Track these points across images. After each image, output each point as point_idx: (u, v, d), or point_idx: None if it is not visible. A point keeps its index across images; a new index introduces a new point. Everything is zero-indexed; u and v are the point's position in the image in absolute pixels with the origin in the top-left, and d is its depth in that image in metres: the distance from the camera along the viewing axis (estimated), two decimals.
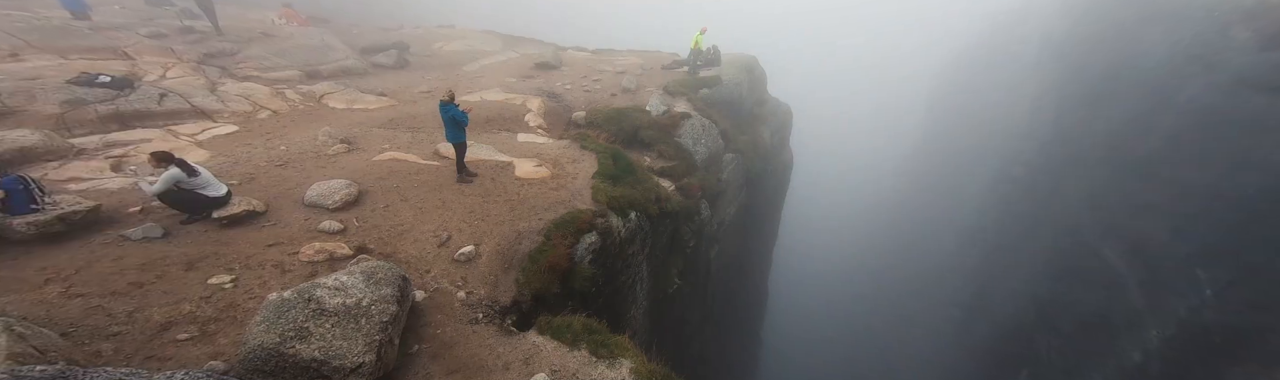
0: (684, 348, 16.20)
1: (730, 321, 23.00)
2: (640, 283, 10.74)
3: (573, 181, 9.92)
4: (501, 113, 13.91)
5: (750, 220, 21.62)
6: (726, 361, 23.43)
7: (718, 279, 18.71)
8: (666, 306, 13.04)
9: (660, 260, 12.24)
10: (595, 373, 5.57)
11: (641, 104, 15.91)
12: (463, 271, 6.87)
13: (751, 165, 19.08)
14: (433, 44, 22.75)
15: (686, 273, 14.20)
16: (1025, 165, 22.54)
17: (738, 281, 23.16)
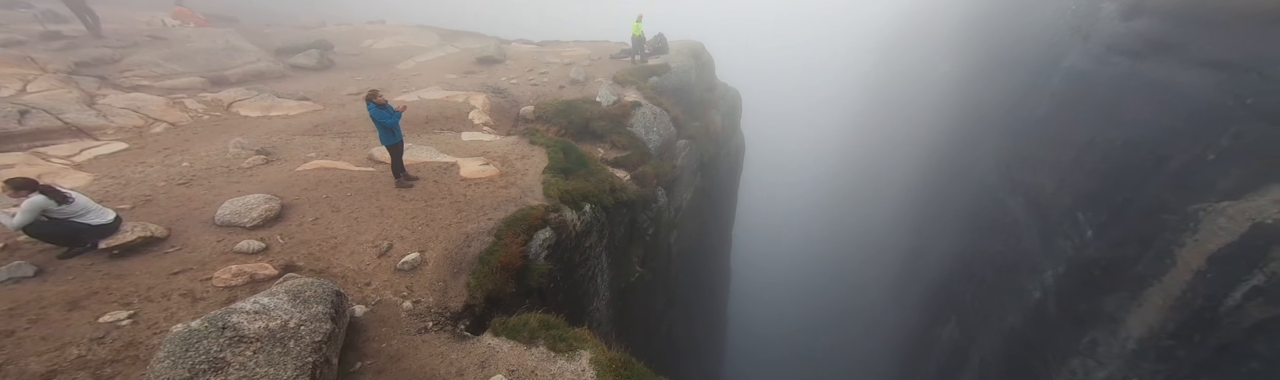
0: (652, 333, 16.22)
1: (695, 303, 23.24)
2: (601, 274, 10.62)
3: (522, 178, 9.54)
4: (443, 112, 13.18)
5: (707, 204, 21.78)
6: (695, 341, 23.80)
7: (680, 263, 18.86)
8: (631, 295, 12.96)
9: (620, 250, 12.08)
10: (555, 367, 5.48)
11: (591, 95, 15.51)
12: (407, 280, 6.53)
13: (705, 150, 19.11)
14: (361, 42, 21.37)
15: (648, 260, 14.16)
16: (945, 133, 23.67)
17: (700, 264, 23.33)
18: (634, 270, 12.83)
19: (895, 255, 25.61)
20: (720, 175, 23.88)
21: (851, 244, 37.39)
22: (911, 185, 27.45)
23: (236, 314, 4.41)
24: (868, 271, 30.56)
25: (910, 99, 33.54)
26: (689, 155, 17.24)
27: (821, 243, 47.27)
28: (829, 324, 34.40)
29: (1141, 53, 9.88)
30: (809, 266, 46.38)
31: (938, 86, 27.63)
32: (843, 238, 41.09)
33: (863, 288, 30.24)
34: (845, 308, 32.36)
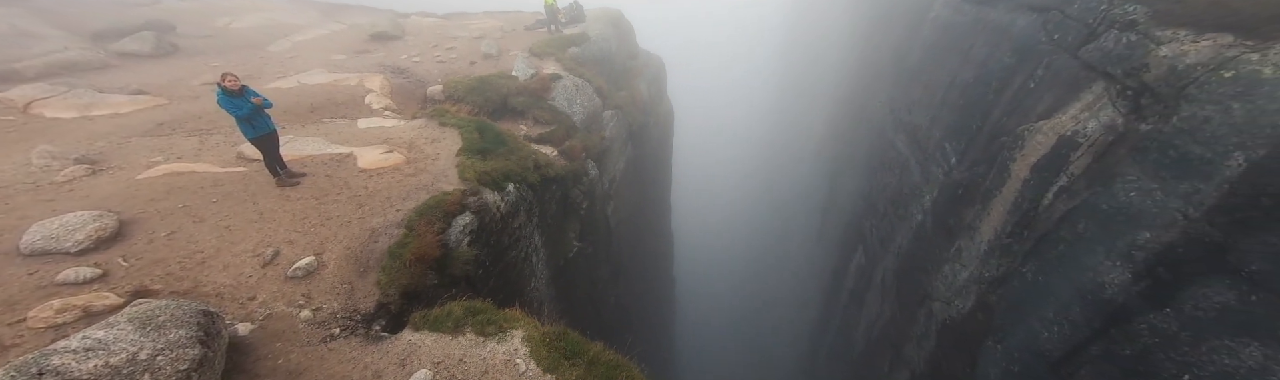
0: (600, 304, 16.35)
1: (641, 269, 23.63)
2: (536, 253, 10.25)
3: (434, 163, 8.83)
4: (331, 98, 11.77)
5: (642, 172, 21.79)
6: (645, 305, 24.82)
7: (620, 234, 18.86)
8: (572, 270, 12.75)
9: (554, 227, 11.75)
10: (484, 352, 5.27)
11: (507, 70, 14.60)
12: (303, 288, 5.92)
13: (633, 119, 18.84)
14: (215, 20, 18.29)
15: (586, 234, 13.88)
16: (847, 85, 25.39)
17: (641, 232, 23.44)
18: (572, 246, 12.61)
19: (816, 201, 27.71)
20: (652, 143, 23.81)
21: (780, 196, 39.73)
22: (826, 136, 29.32)
23: (59, 355, 3.73)
24: (795, 219, 32.84)
25: (820, 57, 35.11)
26: (617, 126, 17.03)
27: (754, 198, 49.78)
28: (766, 272, 36.94)
29: (986, 0, 11.16)
30: (745, 222, 48.96)
31: (841, 44, 29.12)
32: (772, 191, 43.48)
33: (791, 234, 32.57)
34: (779, 255, 34.82)
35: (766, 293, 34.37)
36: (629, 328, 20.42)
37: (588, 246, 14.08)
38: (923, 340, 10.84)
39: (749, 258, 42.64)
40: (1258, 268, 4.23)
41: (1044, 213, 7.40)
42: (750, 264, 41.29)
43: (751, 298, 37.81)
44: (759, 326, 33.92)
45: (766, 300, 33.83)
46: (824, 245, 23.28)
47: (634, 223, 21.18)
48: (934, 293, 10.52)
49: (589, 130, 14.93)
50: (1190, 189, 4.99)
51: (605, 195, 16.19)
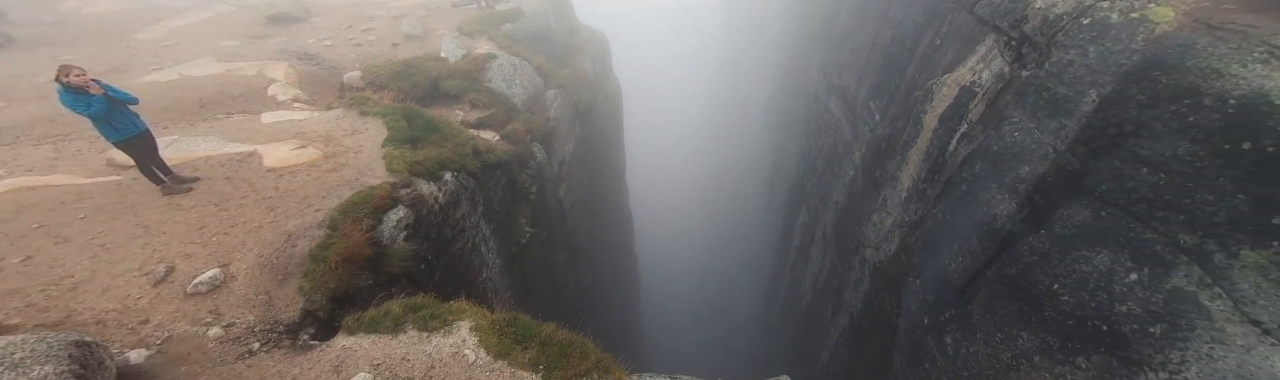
0: (560, 287, 16.25)
1: (601, 250, 23.69)
2: (484, 243, 9.93)
3: (357, 156, 8.27)
4: (225, 90, 10.69)
5: (593, 153, 21.42)
6: (609, 284, 25.15)
7: (575, 216, 18.58)
8: (527, 256, 12.47)
9: (503, 214, 11.39)
10: (429, 347, 5.11)
11: (434, 51, 13.72)
12: (209, 304, 5.48)
13: (579, 98, 18.29)
14: (61, 4, 16.01)
15: (538, 219, 13.51)
16: (786, 54, 25.96)
17: (598, 213, 23.35)
18: (524, 232, 12.30)
19: (764, 168, 28.66)
20: (601, 122, 23.30)
21: (732, 166, 40.69)
22: (770, 105, 30.00)
23: None
24: (746, 187, 33.89)
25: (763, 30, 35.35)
26: (562, 105, 16.51)
27: (708, 171, 50.73)
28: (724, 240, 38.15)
29: None
30: (701, 195, 50.00)
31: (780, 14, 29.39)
32: (725, 162, 44.40)
33: (744, 202, 33.68)
34: (734, 223, 36.01)
35: (725, 260, 35.72)
36: (594, 307, 20.79)
37: (541, 231, 13.74)
38: (858, 284, 11.79)
39: (707, 229, 43.91)
40: (1106, 187, 4.91)
41: (949, 158, 8.10)
42: (708, 235, 42.59)
43: (711, 266, 39.22)
44: (720, 293, 35.42)
45: (726, 267, 35.20)
46: (773, 209, 24.31)
47: (589, 204, 20.94)
48: (865, 240, 11.38)
49: (532, 112, 14.41)
50: (1058, 125, 5.63)
51: (556, 178, 15.87)
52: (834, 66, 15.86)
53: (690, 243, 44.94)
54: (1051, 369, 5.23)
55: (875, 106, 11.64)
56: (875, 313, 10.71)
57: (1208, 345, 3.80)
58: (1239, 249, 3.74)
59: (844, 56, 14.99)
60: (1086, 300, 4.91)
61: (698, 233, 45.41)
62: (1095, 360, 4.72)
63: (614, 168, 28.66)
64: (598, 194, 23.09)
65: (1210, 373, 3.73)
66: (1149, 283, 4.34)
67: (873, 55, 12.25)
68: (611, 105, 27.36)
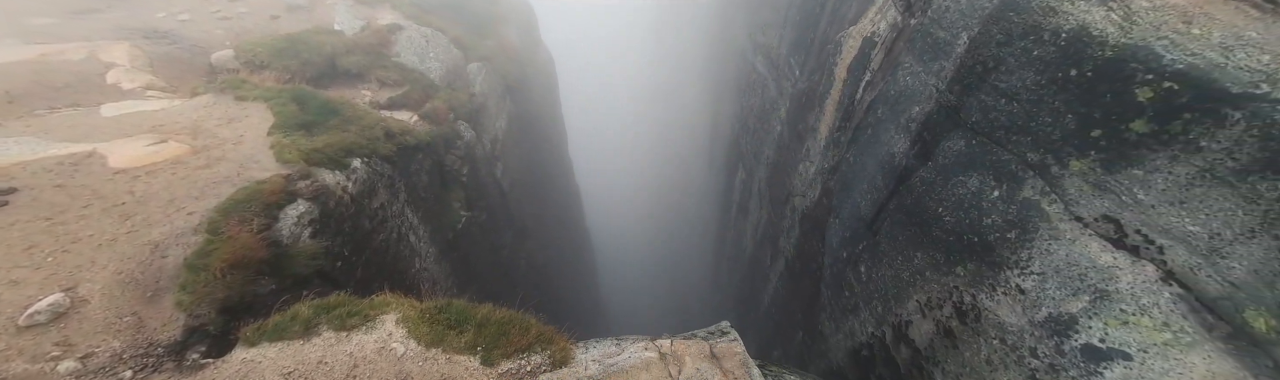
0: (510, 267, 15.94)
1: (550, 228, 23.40)
2: (413, 232, 9.41)
3: (237, 148, 7.36)
4: (43, 79, 8.96)
5: (529, 128, 20.65)
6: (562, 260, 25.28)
7: (516, 195, 17.96)
8: (466, 241, 12.01)
9: (433, 200, 10.82)
10: (349, 347, 4.83)
11: (326, 23, 12.29)
12: (54, 335, 4.79)
13: (507, 71, 17.34)
14: None
15: (474, 201, 12.90)
16: (716, 19, 26.03)
17: (542, 190, 22.73)
18: (458, 216, 11.74)
19: (703, 129, 29.26)
20: (535, 96, 22.30)
21: (673, 132, 41.14)
22: (704, 69, 30.25)
23: None
24: (689, 150, 34.59)
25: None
26: (488, 80, 15.56)
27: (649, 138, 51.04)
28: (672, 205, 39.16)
29: None
30: (646, 163, 50.49)
31: None
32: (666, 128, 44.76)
33: (688, 166, 34.45)
34: (680, 186, 36.88)
35: (674, 222, 36.83)
36: (549, 284, 20.84)
37: (480, 214, 13.28)
38: (790, 231, 12.70)
39: (655, 194, 44.78)
40: (975, 119, 5.56)
41: (857, 106, 8.72)
42: (657, 200, 43.51)
43: (662, 230, 40.37)
44: (672, 253, 36.74)
45: (675, 229, 36.36)
46: (714, 169, 25.13)
47: (531, 182, 20.38)
48: (794, 190, 12.18)
49: (453, 88, 13.41)
50: (939, 67, 6.21)
51: (489, 157, 15.20)
52: (758, 26, 16.17)
53: (640, 209, 45.87)
54: (938, 280, 6.07)
55: (795, 62, 12.14)
56: (805, 255, 11.66)
57: (1046, 242, 4.57)
58: (1068, 160, 4.45)
59: (765, 15, 15.29)
60: (963, 218, 5.68)
61: (646, 199, 46.31)
62: (970, 267, 5.53)
63: (554, 143, 27.90)
64: (540, 171, 22.41)
65: (1047, 263, 4.52)
66: (1007, 197, 5.08)
67: (791, 13, 12.61)
68: (544, 78, 26.28)
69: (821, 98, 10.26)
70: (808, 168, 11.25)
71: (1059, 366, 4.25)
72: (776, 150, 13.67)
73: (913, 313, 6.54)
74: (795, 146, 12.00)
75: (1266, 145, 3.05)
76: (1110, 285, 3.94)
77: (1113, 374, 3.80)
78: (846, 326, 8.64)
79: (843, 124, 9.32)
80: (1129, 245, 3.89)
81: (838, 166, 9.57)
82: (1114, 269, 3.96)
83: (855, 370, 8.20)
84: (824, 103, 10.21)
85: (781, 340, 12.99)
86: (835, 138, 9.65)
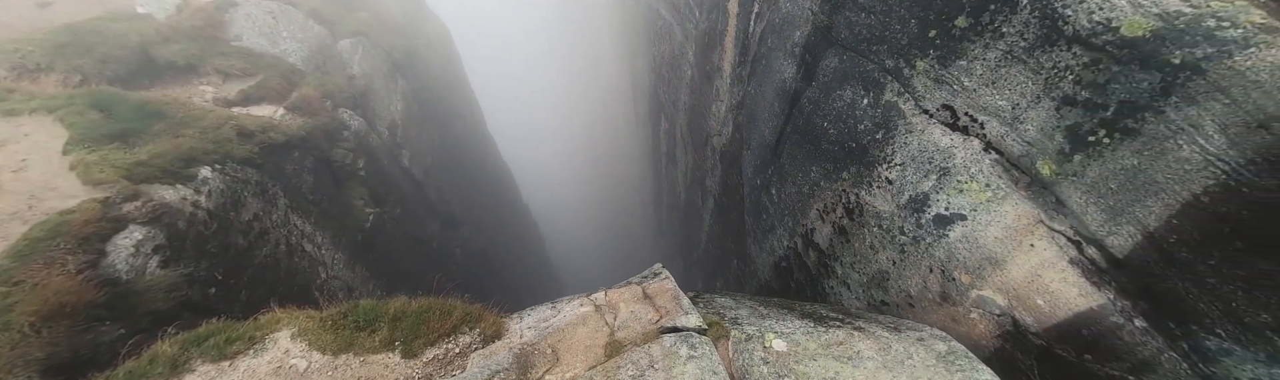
0: (444, 259, 15.20)
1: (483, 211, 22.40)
2: (307, 240, 8.55)
3: (18, 177, 6.11)
4: None
5: (432, 107, 18.84)
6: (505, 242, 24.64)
7: (435, 183, 16.66)
8: (380, 241, 11.17)
9: (327, 201, 9.79)
10: (237, 375, 4.46)
11: (123, 6, 10.17)
12: None
13: (392, 46, 15.52)
14: None
15: (382, 195, 11.92)
16: None
17: (465, 173, 21.24)
18: (364, 215, 10.82)
19: (623, 85, 29.10)
20: (433, 72, 20.20)
21: (596, 93, 40.53)
22: (617, 25, 29.51)
23: None
24: (613, 109, 34.41)
25: None
26: (369, 58, 13.65)
27: (573, 103, 50.00)
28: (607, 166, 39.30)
29: None
30: (572, 126, 49.69)
31: None
32: (588, 91, 43.95)
33: (615, 122, 34.40)
34: (612, 146, 36.95)
35: (613, 181, 37.21)
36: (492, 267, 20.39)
37: (392, 209, 12.29)
38: (713, 170, 13.34)
39: (589, 159, 44.66)
40: (844, 36, 6.02)
41: (752, 39, 9.05)
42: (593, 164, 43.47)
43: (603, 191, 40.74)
44: (616, 212, 37.43)
45: (615, 187, 36.81)
46: (641, 124, 25.34)
47: (449, 166, 19.02)
48: (711, 130, 12.67)
49: (325, 71, 11.72)
50: None
51: (390, 145, 13.76)
52: None
53: (577, 175, 45.84)
54: (831, 187, 6.77)
55: (694, 3, 12.21)
56: (729, 189, 12.40)
57: (904, 136, 5.22)
58: (915, 61, 5.00)
59: None
60: (843, 128, 6.28)
61: (582, 165, 46.20)
62: (852, 170, 6.21)
63: (468, 120, 25.98)
64: (457, 153, 20.84)
65: (906, 154, 5.19)
66: (873, 102, 5.67)
67: None
68: (441, 50, 24.00)
69: (721, 36, 10.51)
70: (719, 107, 11.70)
71: (918, 237, 5.03)
72: (691, 94, 14.00)
73: (815, 220, 7.31)
74: (706, 88, 12.35)
75: (1044, 23, 3.62)
76: (949, 162, 4.63)
77: (955, 234, 4.58)
78: (768, 245, 9.49)
79: (741, 59, 9.68)
80: (960, 126, 4.54)
81: (743, 101, 10.04)
82: (952, 148, 4.63)
83: (778, 281, 9.15)
84: (723, 40, 10.49)
85: (722, 270, 14.02)
86: (737, 73, 10.04)
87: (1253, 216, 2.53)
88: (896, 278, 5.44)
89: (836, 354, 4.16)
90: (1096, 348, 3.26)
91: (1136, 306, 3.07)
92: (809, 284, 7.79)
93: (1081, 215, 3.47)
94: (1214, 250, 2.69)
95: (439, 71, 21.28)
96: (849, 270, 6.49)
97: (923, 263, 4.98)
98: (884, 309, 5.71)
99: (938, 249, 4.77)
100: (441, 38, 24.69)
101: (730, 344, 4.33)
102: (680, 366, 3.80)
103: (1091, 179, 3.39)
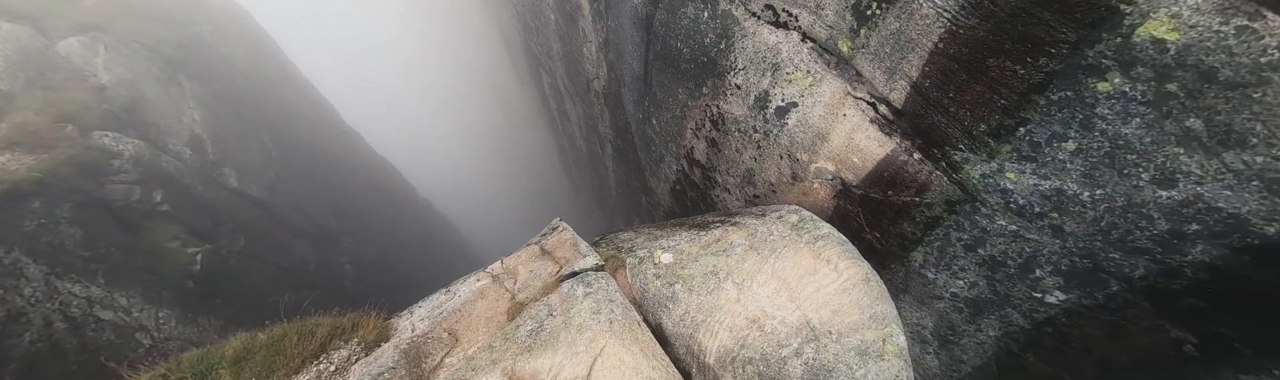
0: (332, 280, 13.76)
1: (365, 218, 19.71)
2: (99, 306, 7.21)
3: None
4: None
5: (253, 110, 15.53)
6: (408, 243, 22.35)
7: (286, 198, 14.20)
8: (225, 280, 9.79)
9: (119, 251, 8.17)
10: None
11: None
12: None
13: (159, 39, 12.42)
14: None
15: (207, 229, 10.22)
16: None
17: (328, 180, 18.42)
18: (187, 256, 9.38)
19: (500, 48, 27.74)
20: (238, 65, 16.60)
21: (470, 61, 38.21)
22: None
23: None
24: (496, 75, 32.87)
25: None
26: (119, 57, 10.90)
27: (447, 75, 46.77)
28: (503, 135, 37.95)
29: None
30: (455, 103, 46.71)
31: None
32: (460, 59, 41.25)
33: (502, 90, 33.03)
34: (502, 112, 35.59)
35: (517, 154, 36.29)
36: (397, 273, 19.01)
37: (231, 241, 10.68)
38: (602, 115, 13.50)
39: (486, 135, 42.80)
40: None
41: None
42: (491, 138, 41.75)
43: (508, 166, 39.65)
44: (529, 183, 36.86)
45: (520, 160, 36.01)
46: (525, 84, 24.57)
47: (303, 177, 16.42)
48: (589, 74, 12.66)
49: (48, 85, 9.10)
50: None
51: (201, 167, 11.53)
52: None
53: (479, 153, 43.95)
54: (696, 104, 7.21)
55: None
56: (620, 131, 12.68)
57: (741, 41, 5.63)
58: None
59: None
60: (694, 45, 6.61)
61: (478, 141, 44.22)
62: (710, 83, 6.64)
63: (315, 118, 22.00)
64: (310, 160, 17.92)
65: (745, 58, 5.64)
66: (712, 14, 5.99)
67: None
68: (240, 36, 19.12)
69: None
70: (590, 49, 11.65)
71: (767, 131, 5.62)
72: (560, 41, 13.73)
73: (691, 139, 7.82)
74: (572, 31, 12.17)
75: None
76: (778, 58, 5.13)
77: (791, 120, 5.18)
78: (661, 174, 10.03)
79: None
80: (782, 22, 5.00)
81: (609, 38, 10.08)
82: (779, 44, 5.11)
83: (678, 204, 9.81)
84: None
85: (636, 210, 14.65)
86: (596, 9, 9.97)
87: (967, 52, 3.15)
88: (759, 171, 6.09)
89: (714, 250, 4.63)
90: (894, 184, 3.99)
91: (914, 143, 3.76)
92: (701, 199, 8.46)
93: (872, 80, 4.09)
94: (950, 85, 3.35)
95: (247, 65, 17.45)
96: (727, 176, 7.13)
97: (774, 152, 5.61)
98: (757, 201, 6.43)
99: (782, 137, 5.38)
100: (236, 20, 19.74)
101: (627, 270, 4.61)
102: (578, 306, 3.84)
103: (874, 47, 3.96)
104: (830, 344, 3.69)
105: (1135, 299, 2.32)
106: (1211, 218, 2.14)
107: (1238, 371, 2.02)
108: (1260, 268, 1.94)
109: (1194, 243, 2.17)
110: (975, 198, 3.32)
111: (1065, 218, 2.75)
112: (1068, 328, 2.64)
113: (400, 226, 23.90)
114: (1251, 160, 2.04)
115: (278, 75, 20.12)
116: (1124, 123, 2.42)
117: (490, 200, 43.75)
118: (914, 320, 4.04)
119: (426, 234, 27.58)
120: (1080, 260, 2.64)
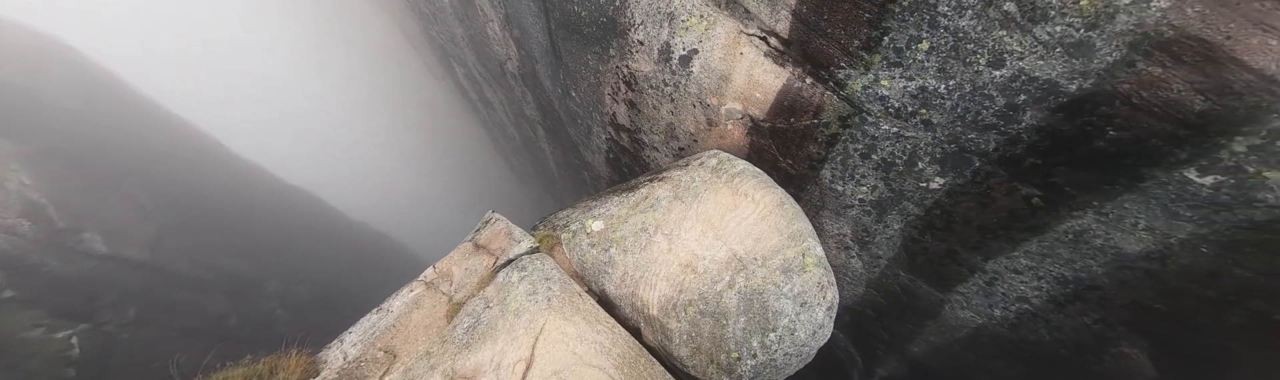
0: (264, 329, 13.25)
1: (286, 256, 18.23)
2: None
3: None
4: None
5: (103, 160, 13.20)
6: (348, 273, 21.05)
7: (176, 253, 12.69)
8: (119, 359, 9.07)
9: None
10: None
11: None
12: None
13: None
14: None
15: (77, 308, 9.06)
16: None
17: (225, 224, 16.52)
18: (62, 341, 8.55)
19: (404, 46, 26.44)
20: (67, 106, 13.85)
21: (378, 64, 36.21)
22: None
23: None
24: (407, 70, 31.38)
25: None
26: None
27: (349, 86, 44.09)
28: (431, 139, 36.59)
29: None
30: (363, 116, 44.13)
31: None
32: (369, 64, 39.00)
33: (420, 88, 31.66)
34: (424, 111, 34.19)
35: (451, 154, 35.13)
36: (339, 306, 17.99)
37: (117, 314, 9.60)
38: (524, 97, 13.30)
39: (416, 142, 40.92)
40: None
41: None
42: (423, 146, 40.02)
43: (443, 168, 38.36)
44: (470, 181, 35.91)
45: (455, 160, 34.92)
46: (439, 78, 23.66)
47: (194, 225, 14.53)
48: (500, 57, 12.39)
49: None
50: None
51: (49, 238, 9.89)
52: None
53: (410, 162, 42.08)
54: (607, 68, 7.27)
55: None
56: (546, 111, 12.58)
57: None
58: None
59: None
60: (590, 7, 6.62)
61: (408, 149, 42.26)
62: (615, 44, 6.70)
63: (192, 154, 19.28)
64: (199, 204, 15.92)
65: (640, 12, 5.73)
66: None
67: None
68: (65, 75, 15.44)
69: None
70: (493, 28, 11.37)
71: (675, 82, 5.79)
72: (461, 24, 13.30)
73: (610, 105, 7.91)
74: (470, 12, 11.81)
75: None
76: (671, 6, 5.25)
77: (695, 67, 5.36)
78: (593, 145, 10.11)
79: None
80: None
81: (509, 13, 9.87)
82: None
83: (616, 172, 9.96)
84: None
85: (581, 188, 14.70)
86: None
87: None
88: (679, 124, 6.29)
89: (642, 208, 4.73)
90: (794, 111, 4.27)
91: (805, 69, 4.03)
92: (634, 163, 8.63)
93: (759, 15, 4.30)
94: (824, 7, 3.59)
95: (82, 108, 14.74)
96: (651, 135, 7.31)
97: (687, 102, 5.81)
98: (682, 153, 6.66)
99: (691, 86, 5.57)
100: (58, 59, 16.24)
101: (563, 246, 4.64)
102: (513, 292, 3.78)
103: None
104: (757, 270, 3.96)
105: (993, 169, 2.68)
106: (1033, 86, 2.48)
107: (1070, 210, 2.41)
108: (1069, 120, 2.30)
109: (1024, 111, 2.52)
110: (861, 109, 3.63)
111: (931, 111, 3.09)
112: (950, 206, 3.01)
113: (334, 257, 22.29)
114: (1053, 30, 2.37)
115: (130, 115, 17.30)
116: (960, 16, 2.72)
117: (434, 209, 42.33)
118: (835, 231, 4.41)
119: (370, 258, 26.29)
120: (948, 146, 2.99)
